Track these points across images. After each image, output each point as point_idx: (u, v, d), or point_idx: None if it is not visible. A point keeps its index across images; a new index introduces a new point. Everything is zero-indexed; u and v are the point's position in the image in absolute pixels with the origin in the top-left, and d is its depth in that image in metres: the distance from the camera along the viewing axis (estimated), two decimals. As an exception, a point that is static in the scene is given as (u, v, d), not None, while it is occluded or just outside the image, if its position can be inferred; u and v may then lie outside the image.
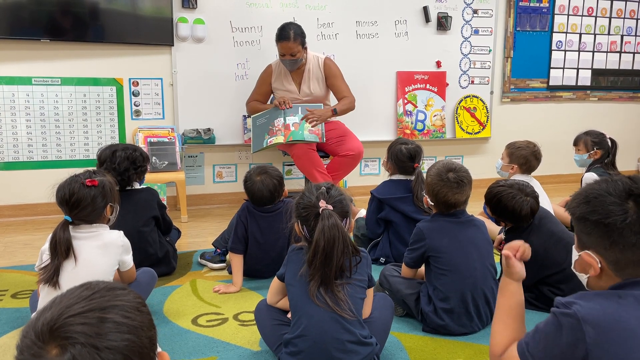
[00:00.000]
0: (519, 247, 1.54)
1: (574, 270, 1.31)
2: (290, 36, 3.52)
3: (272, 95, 3.83)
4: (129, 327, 0.79)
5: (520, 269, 1.53)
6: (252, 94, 3.82)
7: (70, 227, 1.93)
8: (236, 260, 2.55)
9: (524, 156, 3.05)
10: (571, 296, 1.21)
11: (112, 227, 2.06)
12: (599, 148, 3.36)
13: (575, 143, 3.47)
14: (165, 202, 3.15)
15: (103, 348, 0.75)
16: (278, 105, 3.59)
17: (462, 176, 2.12)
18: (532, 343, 1.26)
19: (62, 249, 1.87)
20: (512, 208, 2.25)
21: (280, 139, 3.55)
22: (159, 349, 0.87)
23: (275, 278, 1.89)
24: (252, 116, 3.70)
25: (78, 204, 1.93)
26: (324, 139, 3.60)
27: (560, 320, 1.18)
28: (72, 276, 1.86)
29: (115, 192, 2.06)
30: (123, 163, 2.53)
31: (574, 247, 1.30)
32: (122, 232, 2.04)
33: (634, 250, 1.14)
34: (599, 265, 1.20)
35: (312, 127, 3.53)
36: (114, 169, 2.49)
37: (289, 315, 1.85)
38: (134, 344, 0.78)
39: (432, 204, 2.19)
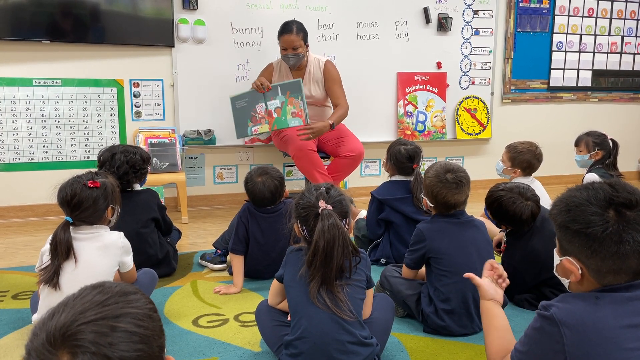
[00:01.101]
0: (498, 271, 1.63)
1: (555, 274, 1.32)
2: (292, 29, 3.54)
3: None
4: (140, 337, 0.79)
5: (487, 290, 1.60)
6: None
7: (71, 228, 1.93)
8: (237, 261, 2.55)
9: (527, 160, 3.03)
10: (554, 299, 1.23)
11: (111, 229, 2.06)
12: (600, 149, 3.35)
13: (577, 144, 3.46)
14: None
15: (114, 358, 0.75)
16: (256, 89, 3.57)
17: (461, 176, 2.12)
18: (520, 348, 1.28)
19: (62, 250, 1.87)
20: (513, 213, 2.26)
21: (265, 127, 3.57)
22: (165, 352, 0.87)
23: (275, 280, 1.89)
24: (230, 97, 3.66)
25: (79, 205, 1.93)
26: (308, 120, 3.59)
27: (541, 323, 1.20)
28: (72, 277, 1.86)
29: (117, 194, 2.06)
30: (122, 167, 2.51)
31: (555, 250, 1.30)
32: (122, 233, 2.04)
33: (614, 259, 1.14)
34: (580, 272, 1.20)
35: (303, 139, 3.49)
36: (113, 173, 2.48)
37: (289, 318, 1.85)
38: (145, 354, 0.79)
39: (432, 205, 2.18)
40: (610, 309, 1.14)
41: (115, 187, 2.06)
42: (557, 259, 1.29)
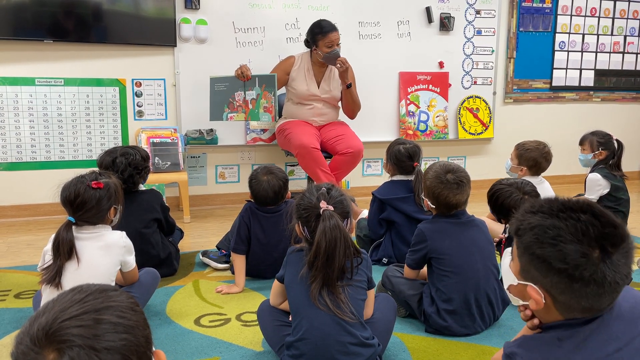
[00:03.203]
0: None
1: (507, 292, 1.23)
2: (335, 27, 3.66)
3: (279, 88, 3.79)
4: (125, 327, 0.79)
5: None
6: None
7: (73, 227, 1.93)
8: (239, 261, 2.55)
9: (533, 158, 3.02)
10: (515, 342, 1.16)
11: (114, 229, 2.06)
12: (604, 149, 3.33)
13: (581, 142, 3.45)
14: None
15: (101, 349, 0.75)
16: (238, 76, 3.60)
17: (461, 176, 2.12)
18: None
19: (64, 250, 1.88)
20: (509, 205, 2.27)
21: (241, 116, 3.65)
22: (154, 348, 0.87)
23: (276, 280, 1.89)
24: (211, 77, 3.67)
25: (83, 205, 1.93)
26: (277, 118, 3.72)
27: None
28: (74, 277, 1.86)
29: (120, 194, 2.06)
30: (126, 170, 2.50)
31: (510, 265, 1.21)
32: (124, 232, 2.04)
33: (590, 299, 1.06)
34: (544, 302, 1.11)
35: (338, 69, 3.63)
36: (119, 177, 2.46)
37: (290, 318, 1.85)
38: (131, 344, 0.79)
39: (433, 206, 2.18)
40: (576, 353, 1.08)
41: (118, 187, 2.06)
42: (512, 279, 1.18)
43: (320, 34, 3.62)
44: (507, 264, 1.24)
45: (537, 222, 1.11)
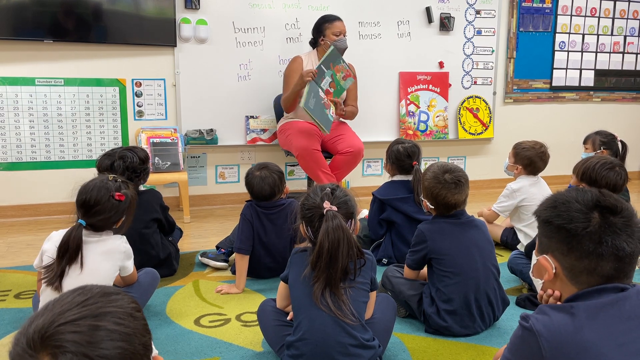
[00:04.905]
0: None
1: (531, 275, 1.33)
2: (339, 17, 3.72)
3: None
4: (121, 335, 0.78)
5: None
6: (285, 88, 3.72)
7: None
8: (242, 262, 2.52)
9: (529, 157, 3.02)
10: (533, 312, 1.23)
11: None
12: (606, 148, 3.33)
13: (585, 142, 3.46)
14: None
15: (95, 357, 0.74)
16: (309, 80, 3.52)
17: (459, 176, 2.13)
18: (507, 354, 1.28)
19: (72, 252, 1.86)
20: (595, 173, 2.43)
21: (333, 106, 3.67)
22: (155, 353, 0.86)
23: (281, 282, 1.89)
24: (302, 106, 3.53)
25: (99, 213, 1.92)
26: (355, 72, 3.78)
27: (522, 332, 1.20)
28: (75, 282, 1.85)
29: (133, 207, 2.06)
30: (124, 174, 2.47)
31: (534, 251, 1.31)
32: (124, 237, 2.03)
33: (590, 259, 1.16)
34: (554, 271, 1.21)
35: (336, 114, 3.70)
36: None
37: (288, 318, 1.85)
38: (127, 352, 0.78)
39: (432, 207, 2.18)
40: (586, 320, 1.14)
41: (133, 199, 2.05)
42: (534, 260, 1.30)
43: (327, 23, 3.67)
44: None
45: (548, 197, 1.28)
